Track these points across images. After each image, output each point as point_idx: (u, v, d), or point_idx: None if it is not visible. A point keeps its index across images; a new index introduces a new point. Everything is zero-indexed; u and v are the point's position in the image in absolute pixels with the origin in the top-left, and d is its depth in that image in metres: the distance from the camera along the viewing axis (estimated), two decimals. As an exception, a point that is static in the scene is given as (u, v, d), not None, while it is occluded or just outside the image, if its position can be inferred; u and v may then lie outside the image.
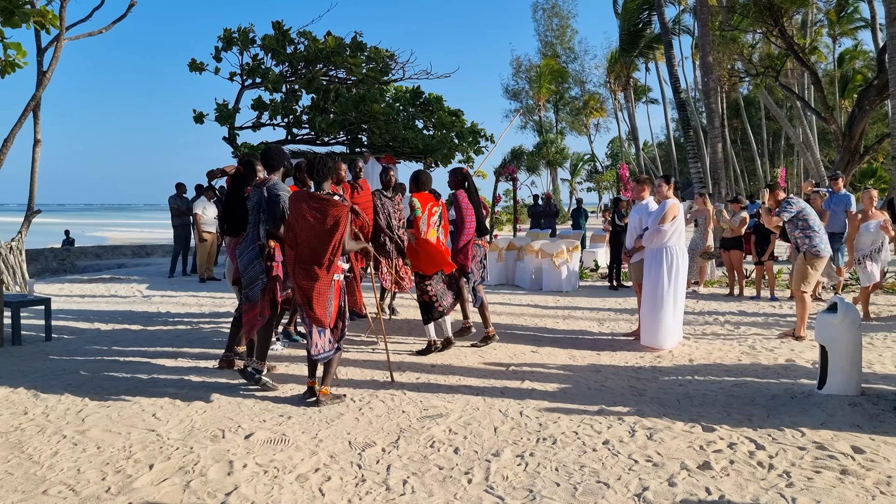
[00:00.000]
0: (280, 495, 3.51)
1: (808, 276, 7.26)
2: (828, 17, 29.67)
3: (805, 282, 7.26)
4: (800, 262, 7.36)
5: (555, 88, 51.15)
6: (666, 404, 5.04)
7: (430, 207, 6.58)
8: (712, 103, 16.23)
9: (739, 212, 11.09)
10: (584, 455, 4.02)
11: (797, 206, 7.38)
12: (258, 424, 4.63)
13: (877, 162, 32.01)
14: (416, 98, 17.24)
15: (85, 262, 17.25)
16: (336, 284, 5.07)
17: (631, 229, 7.52)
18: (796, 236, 7.40)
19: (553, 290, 11.67)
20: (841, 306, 5.12)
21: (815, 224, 7.35)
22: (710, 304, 10.08)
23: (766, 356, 6.60)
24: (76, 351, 6.99)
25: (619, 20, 33.27)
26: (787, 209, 7.39)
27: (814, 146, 24.08)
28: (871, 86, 15.87)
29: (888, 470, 3.73)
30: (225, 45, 15.26)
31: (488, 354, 6.76)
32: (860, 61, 36.95)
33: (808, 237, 7.30)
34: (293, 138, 16.39)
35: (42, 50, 10.87)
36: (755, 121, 41.70)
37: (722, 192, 15.66)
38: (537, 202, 19.24)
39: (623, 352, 6.91)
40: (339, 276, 5.09)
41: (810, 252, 7.26)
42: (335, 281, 5.05)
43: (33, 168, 11.07)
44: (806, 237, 7.31)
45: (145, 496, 3.51)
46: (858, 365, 5.11)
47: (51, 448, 4.21)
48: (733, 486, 3.56)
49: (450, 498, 3.47)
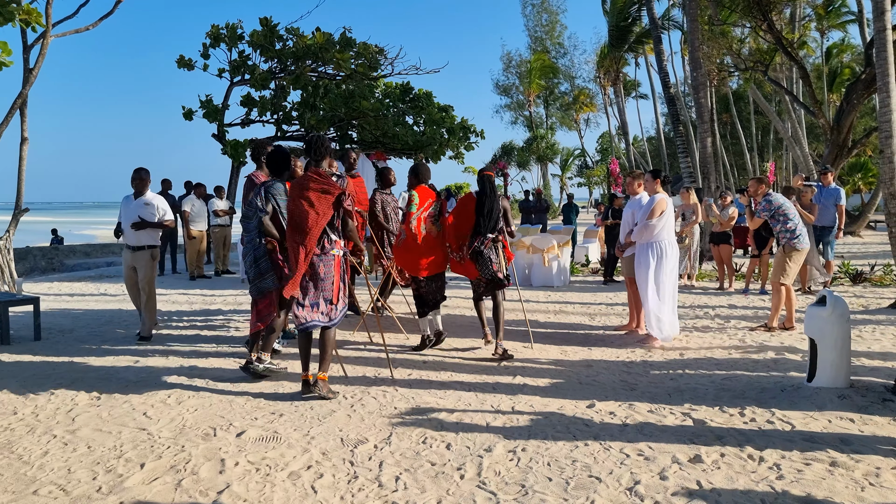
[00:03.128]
0: (272, 493, 3.51)
1: (787, 269, 7.38)
2: (816, 12, 29.78)
3: (784, 274, 7.38)
4: (779, 254, 7.50)
5: (545, 84, 51.18)
6: (657, 398, 5.06)
7: (428, 204, 6.53)
8: (701, 98, 16.28)
9: (728, 206, 11.14)
10: (576, 450, 4.03)
11: (775, 203, 7.52)
12: (250, 422, 4.62)
13: (865, 155, 32.21)
14: (405, 94, 17.21)
15: (74, 261, 17.12)
16: (336, 259, 5.11)
17: (624, 224, 7.53)
18: (777, 231, 7.53)
19: (544, 286, 11.69)
20: (829, 299, 5.16)
21: (794, 217, 7.48)
22: (701, 298, 10.12)
23: (756, 350, 6.64)
24: (65, 350, 6.95)
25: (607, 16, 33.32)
26: (765, 208, 7.56)
27: (802, 140, 24.20)
28: (859, 80, 15.96)
29: (877, 461, 3.76)
30: (213, 42, 15.19)
31: (480, 350, 6.76)
32: (848, 55, 37.12)
33: (787, 231, 7.42)
34: (283, 135, 16.34)
35: (28, 47, 10.77)
36: (744, 115, 41.86)
37: (711, 186, 15.72)
38: (528, 198, 19.26)
39: (614, 347, 6.93)
40: (338, 251, 5.11)
41: (790, 245, 7.38)
42: (335, 256, 5.09)
43: (20, 166, 10.97)
44: (786, 231, 7.42)
45: (136, 495, 3.50)
46: (847, 357, 5.15)
47: (41, 448, 4.18)
48: (724, 478, 3.58)
49: (442, 494, 3.48)
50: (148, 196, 7.43)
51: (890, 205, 8.96)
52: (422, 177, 6.61)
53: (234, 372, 5.97)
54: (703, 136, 16.14)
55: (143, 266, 7.36)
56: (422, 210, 6.47)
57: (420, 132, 16.95)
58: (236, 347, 6.94)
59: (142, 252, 7.35)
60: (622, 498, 3.39)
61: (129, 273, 7.48)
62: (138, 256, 7.35)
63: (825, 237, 10.56)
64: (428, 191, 6.57)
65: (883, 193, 9.24)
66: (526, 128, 53.84)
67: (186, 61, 15.20)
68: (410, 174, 6.70)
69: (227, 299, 10.48)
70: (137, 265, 7.37)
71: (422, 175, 6.62)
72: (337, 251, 5.11)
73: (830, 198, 10.54)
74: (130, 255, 7.37)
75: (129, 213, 7.34)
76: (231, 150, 15.25)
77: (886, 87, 8.84)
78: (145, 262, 7.37)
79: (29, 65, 10.79)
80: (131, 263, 7.40)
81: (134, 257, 7.36)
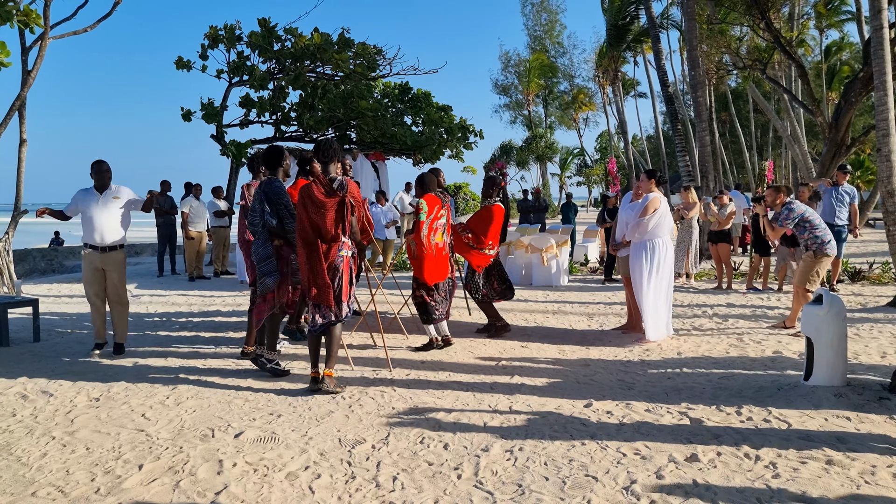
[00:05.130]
0: (270, 494, 3.52)
1: (814, 274, 7.25)
2: (815, 10, 29.77)
3: (810, 279, 7.24)
4: (808, 259, 7.32)
5: (544, 83, 51.20)
6: (654, 397, 5.07)
7: (437, 211, 6.60)
8: (700, 96, 16.28)
9: (727, 204, 11.15)
10: (573, 449, 4.05)
11: (797, 211, 7.33)
12: (248, 423, 4.63)
13: (864, 153, 32.20)
14: (404, 94, 17.22)
15: (73, 262, 17.12)
16: (345, 260, 5.32)
17: (621, 224, 7.54)
18: (805, 238, 7.35)
19: (543, 285, 11.70)
20: (826, 298, 5.17)
21: (820, 223, 7.33)
22: (699, 297, 10.14)
23: (753, 348, 6.66)
24: (64, 352, 6.96)
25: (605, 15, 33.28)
26: (788, 217, 7.33)
27: (801, 139, 24.19)
28: (857, 78, 15.93)
29: (873, 460, 3.77)
30: (211, 43, 15.19)
31: (478, 350, 6.78)
32: (847, 53, 37.12)
33: (815, 237, 7.26)
34: (281, 135, 16.35)
35: (26, 49, 10.78)
36: (743, 113, 41.83)
37: (710, 185, 15.73)
38: (527, 197, 19.26)
39: (612, 346, 6.94)
40: (346, 251, 5.33)
41: (820, 250, 7.22)
42: (343, 257, 5.31)
43: (19, 168, 10.99)
44: (814, 237, 7.26)
45: (135, 496, 3.51)
46: (844, 356, 5.16)
47: (39, 450, 4.20)
48: (720, 477, 3.60)
49: (439, 494, 3.49)
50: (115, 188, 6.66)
51: (888, 203, 8.96)
52: (426, 186, 6.69)
53: (232, 373, 5.99)
54: (702, 134, 16.15)
55: (115, 268, 6.61)
56: (431, 217, 6.53)
57: (419, 132, 16.97)
58: (235, 349, 6.94)
59: (114, 253, 6.58)
60: (618, 497, 3.41)
61: (95, 277, 6.61)
62: (109, 258, 6.57)
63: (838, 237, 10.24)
64: (435, 199, 6.62)
65: (881, 191, 9.23)
66: (525, 127, 53.88)
67: (185, 62, 15.21)
68: (417, 184, 6.81)
69: (226, 300, 10.49)
70: (108, 267, 6.58)
71: (426, 184, 6.70)
72: (345, 252, 5.33)
73: (845, 197, 10.30)
74: (99, 256, 6.54)
75: (99, 208, 6.53)
76: (230, 150, 15.26)
77: (883, 86, 8.85)
78: (118, 264, 6.62)
79: (27, 66, 10.81)
80: (99, 266, 6.57)
81: (104, 259, 6.55)
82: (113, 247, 6.58)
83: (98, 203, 6.53)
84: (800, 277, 7.36)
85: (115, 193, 6.62)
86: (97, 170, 6.60)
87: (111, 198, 6.59)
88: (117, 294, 6.68)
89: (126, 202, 6.70)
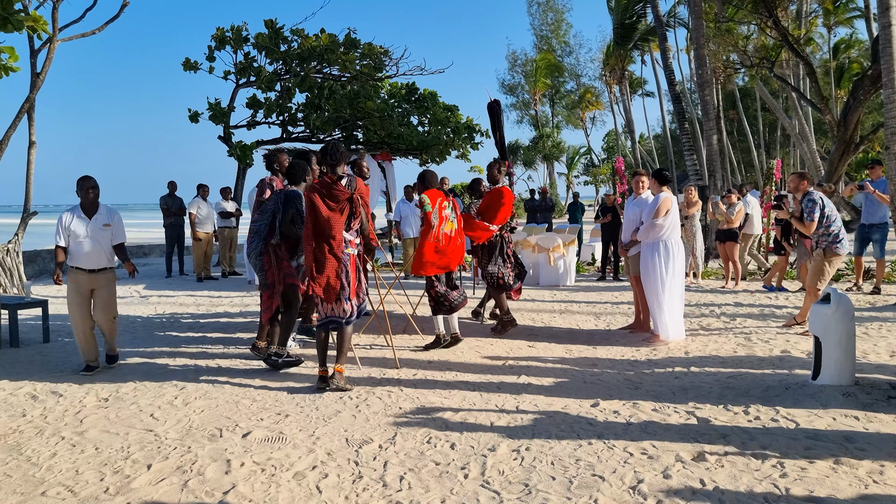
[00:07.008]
0: (277, 493, 3.54)
1: (825, 273, 7.15)
2: (823, 7, 29.62)
3: (821, 278, 7.14)
4: (818, 257, 7.20)
5: (550, 83, 51.09)
6: (661, 397, 5.06)
7: (441, 202, 6.70)
8: (707, 95, 16.23)
9: (735, 203, 11.11)
10: (580, 449, 4.05)
11: (819, 203, 7.15)
12: (256, 423, 4.65)
13: (873, 151, 32.01)
14: (410, 94, 17.23)
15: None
16: (352, 258, 5.43)
17: (628, 222, 7.52)
18: (819, 233, 7.18)
19: (550, 285, 11.70)
20: (834, 297, 5.15)
21: (837, 219, 7.19)
22: (707, 296, 10.11)
23: (761, 347, 6.63)
24: (74, 353, 6.99)
25: (612, 14, 33.23)
26: (813, 209, 7.14)
27: (810, 137, 24.09)
28: (866, 75, 15.87)
29: (881, 459, 3.76)
30: (218, 45, 15.25)
31: (485, 349, 6.78)
32: (856, 50, 36.90)
33: (830, 234, 7.12)
34: (288, 136, 16.39)
35: (35, 52, 10.86)
36: (751, 112, 41.63)
37: (718, 183, 15.67)
38: (534, 196, 19.23)
39: (619, 346, 6.93)
40: (353, 250, 5.45)
41: (831, 249, 7.11)
42: (351, 255, 5.42)
43: (29, 170, 11.06)
44: (828, 234, 7.12)
45: (143, 496, 3.54)
46: (852, 355, 5.14)
47: (49, 450, 4.23)
48: (727, 477, 3.59)
49: (446, 493, 3.50)
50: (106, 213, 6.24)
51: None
52: (428, 182, 6.86)
53: (240, 373, 6.02)
54: (710, 133, 16.09)
55: (105, 287, 6.23)
56: (437, 208, 6.68)
57: (425, 132, 16.97)
58: (243, 349, 6.97)
59: (103, 273, 6.22)
60: (625, 497, 3.40)
61: (82, 300, 6.16)
62: (99, 278, 6.19)
63: (873, 235, 9.71)
64: (437, 192, 6.81)
65: (890, 189, 9.19)
66: (532, 126, 53.73)
67: (192, 64, 15.28)
68: (418, 182, 7.04)
69: (233, 301, 10.52)
70: (98, 287, 6.19)
71: (428, 181, 6.87)
72: (352, 250, 5.44)
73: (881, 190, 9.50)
74: (87, 277, 6.13)
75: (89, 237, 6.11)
76: (237, 151, 15.32)
77: (892, 83, 8.81)
78: (107, 282, 6.25)
79: (36, 69, 10.88)
80: (88, 287, 6.16)
81: (92, 280, 6.16)
82: (101, 269, 6.22)
83: (88, 229, 6.11)
84: (812, 277, 7.31)
85: (105, 220, 6.21)
86: (83, 186, 6.18)
87: (101, 224, 6.17)
88: (106, 309, 6.26)
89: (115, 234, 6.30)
